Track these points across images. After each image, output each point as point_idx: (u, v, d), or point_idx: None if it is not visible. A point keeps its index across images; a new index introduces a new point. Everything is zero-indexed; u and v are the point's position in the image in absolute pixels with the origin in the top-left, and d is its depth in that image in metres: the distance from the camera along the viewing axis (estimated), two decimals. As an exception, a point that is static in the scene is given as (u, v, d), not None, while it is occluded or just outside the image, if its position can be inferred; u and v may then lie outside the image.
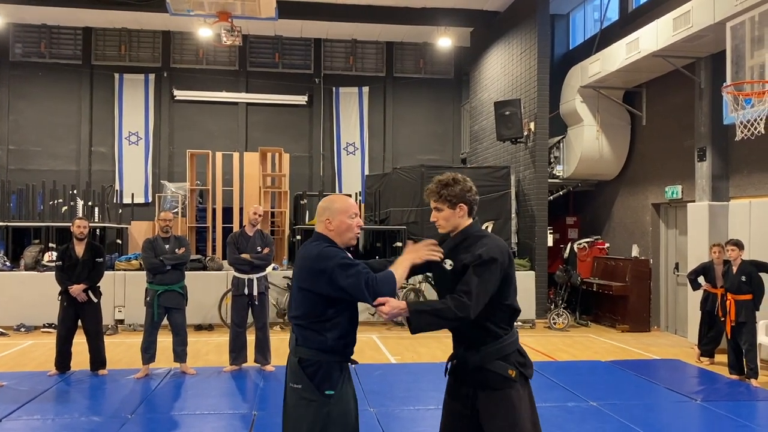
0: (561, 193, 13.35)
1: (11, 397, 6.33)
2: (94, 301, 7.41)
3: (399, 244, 11.91)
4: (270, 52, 16.30)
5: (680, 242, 11.01)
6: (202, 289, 10.45)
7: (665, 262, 11.47)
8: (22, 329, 10.48)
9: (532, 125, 12.17)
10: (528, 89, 12.44)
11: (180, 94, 15.80)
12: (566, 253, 13.05)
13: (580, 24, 14.32)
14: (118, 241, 12.85)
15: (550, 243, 12.34)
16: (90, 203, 12.59)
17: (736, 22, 7.95)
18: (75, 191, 12.74)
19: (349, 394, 3.06)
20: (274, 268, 10.94)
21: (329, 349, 2.98)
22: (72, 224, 7.51)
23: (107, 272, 8.27)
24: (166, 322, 7.51)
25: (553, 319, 11.42)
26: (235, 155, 13.48)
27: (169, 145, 15.83)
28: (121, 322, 10.85)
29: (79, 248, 7.38)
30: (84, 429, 5.51)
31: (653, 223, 11.59)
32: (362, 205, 14.59)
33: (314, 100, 16.28)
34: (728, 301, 7.61)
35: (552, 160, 12.85)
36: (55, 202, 12.36)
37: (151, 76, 15.73)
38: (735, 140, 8.21)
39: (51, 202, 12.34)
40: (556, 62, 13.76)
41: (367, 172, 15.98)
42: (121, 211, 13.30)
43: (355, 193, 15.02)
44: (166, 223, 7.59)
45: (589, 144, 12.08)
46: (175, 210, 13.17)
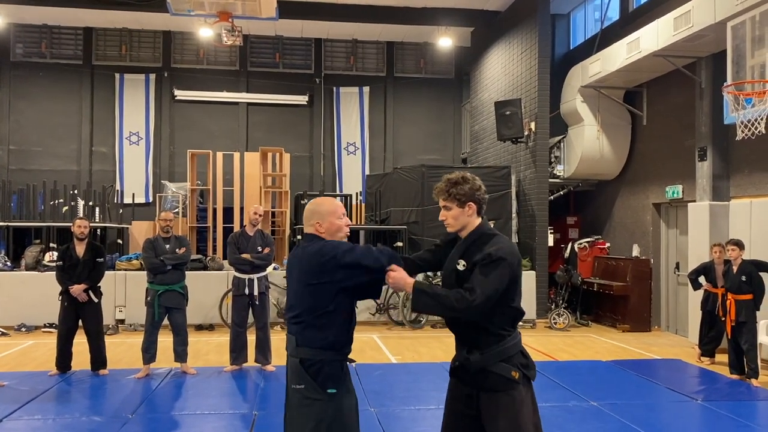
0: (562, 192, 13.35)
1: (12, 397, 6.33)
2: (95, 301, 7.41)
3: (400, 244, 11.90)
4: (270, 52, 16.30)
5: (681, 242, 11.01)
6: (203, 289, 10.46)
7: (666, 262, 11.47)
8: (23, 329, 10.50)
9: (533, 125, 12.16)
10: (528, 89, 12.43)
11: (180, 94, 15.81)
12: (567, 253, 13.04)
13: (581, 24, 14.32)
14: (119, 241, 12.86)
15: (551, 243, 12.33)
16: (91, 203, 12.60)
17: (737, 22, 7.95)
18: (76, 191, 12.75)
19: (351, 391, 3.10)
20: (274, 268, 10.94)
21: (330, 346, 3.00)
22: (73, 224, 7.50)
23: (108, 272, 8.27)
24: (166, 322, 7.51)
25: (554, 319, 11.42)
26: (236, 155, 13.49)
27: (170, 145, 15.84)
28: (122, 322, 10.86)
29: (80, 248, 7.38)
30: (85, 429, 5.51)
31: (654, 223, 11.59)
32: (363, 205, 14.60)
33: (315, 100, 16.28)
34: (728, 301, 7.61)
35: (552, 160, 12.84)
36: (56, 202, 12.37)
37: (152, 76, 15.74)
38: (736, 140, 8.20)
39: (52, 202, 12.35)
40: (556, 62, 13.76)
41: (367, 172, 15.97)
42: (121, 211, 13.31)
43: (356, 193, 15.02)
44: (166, 223, 7.59)
45: (590, 144, 12.08)
46: (176, 210, 13.18)
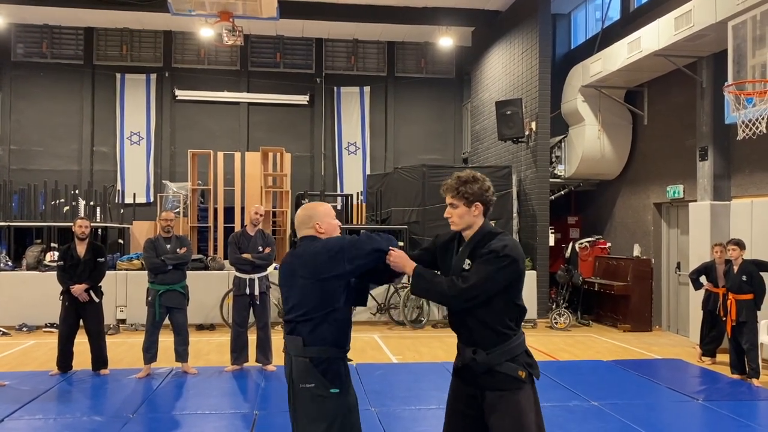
0: (562, 192, 13.34)
1: (13, 397, 6.34)
2: (96, 300, 7.42)
3: (401, 244, 11.83)
4: (271, 52, 16.30)
5: (682, 242, 11.00)
6: (204, 289, 10.46)
7: (667, 262, 11.46)
8: (24, 329, 10.50)
9: (534, 125, 12.16)
10: (529, 89, 12.43)
11: (181, 94, 15.81)
12: (568, 253, 13.03)
13: (582, 23, 14.31)
14: (120, 241, 12.87)
15: (552, 243, 12.34)
16: (92, 203, 12.59)
17: (738, 22, 7.94)
18: (77, 191, 12.76)
19: (353, 389, 3.20)
20: (275, 268, 10.93)
21: (334, 343, 3.08)
22: (74, 224, 7.51)
23: (109, 272, 8.27)
24: (167, 321, 7.52)
25: (555, 319, 11.42)
26: (237, 155, 13.49)
27: (171, 144, 15.85)
28: (123, 321, 10.87)
29: (81, 248, 7.38)
30: (86, 429, 5.51)
31: (655, 223, 11.58)
32: (364, 204, 14.60)
33: (315, 100, 16.28)
34: (729, 301, 7.60)
35: (553, 160, 12.83)
36: (57, 201, 12.37)
37: (153, 76, 15.75)
38: (737, 140, 8.19)
39: (53, 202, 12.35)
40: (557, 62, 13.75)
41: (368, 172, 15.97)
42: (122, 210, 13.31)
43: (357, 193, 15.02)
44: (167, 223, 7.59)
45: (591, 143, 12.07)
46: (177, 210, 13.18)
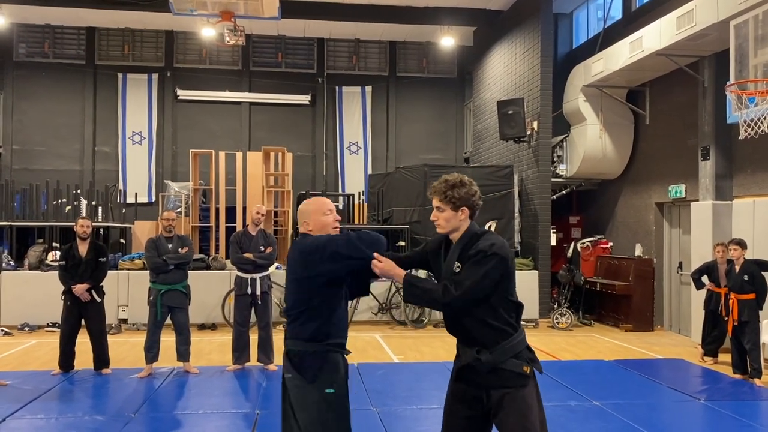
0: (564, 192, 13.34)
1: (15, 396, 6.34)
2: (98, 300, 7.42)
3: (402, 244, 11.89)
4: (273, 52, 16.30)
5: (684, 241, 10.98)
6: (205, 289, 10.47)
7: (669, 262, 11.45)
8: (26, 328, 10.52)
9: (535, 124, 12.15)
10: (531, 88, 12.42)
11: (183, 94, 15.83)
12: (569, 253, 13.02)
13: (583, 23, 14.29)
14: (122, 241, 12.87)
15: (554, 242, 12.33)
16: (93, 203, 12.61)
17: (740, 21, 7.93)
18: (78, 191, 12.77)
19: (338, 382, 3.16)
20: (277, 268, 10.94)
21: (312, 338, 3.13)
22: (75, 224, 7.51)
23: (110, 271, 8.29)
24: (169, 321, 7.52)
25: (557, 319, 11.41)
26: (238, 155, 13.49)
27: (173, 144, 15.86)
28: (125, 321, 10.87)
29: (83, 248, 7.39)
30: (87, 428, 5.52)
31: (657, 223, 11.57)
32: (365, 204, 14.59)
33: (317, 100, 16.28)
34: (731, 301, 7.59)
35: (555, 160, 12.82)
36: (59, 201, 12.39)
37: (155, 76, 15.76)
38: (738, 139, 8.18)
39: (55, 202, 12.37)
40: (559, 61, 13.75)
41: (370, 172, 15.97)
42: (124, 210, 13.31)
43: (358, 193, 15.01)
44: (169, 223, 7.59)
45: (593, 143, 12.06)
46: (179, 209, 13.18)
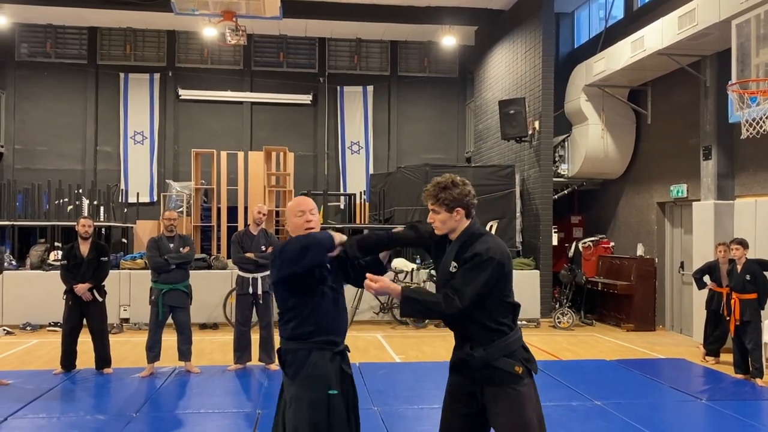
0: (566, 192, 13.31)
1: (17, 396, 6.36)
2: (99, 299, 7.43)
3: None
4: (274, 52, 16.31)
5: (685, 241, 10.97)
6: (207, 288, 10.48)
7: (670, 261, 11.43)
8: (28, 328, 10.53)
9: (537, 124, 12.14)
10: (532, 88, 12.41)
11: (185, 94, 15.84)
12: (571, 252, 13.01)
13: (585, 22, 14.27)
14: (124, 240, 12.89)
15: (555, 242, 12.32)
16: (95, 202, 12.62)
17: (742, 20, 7.91)
18: (80, 190, 12.78)
19: (322, 381, 3.16)
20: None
21: (297, 337, 3.23)
22: (77, 223, 7.52)
23: (112, 271, 8.27)
24: (170, 321, 7.52)
25: (558, 318, 11.40)
26: (240, 154, 13.48)
27: (174, 144, 15.87)
28: (126, 320, 10.88)
29: (84, 247, 7.39)
30: (89, 427, 5.53)
31: (658, 222, 11.56)
32: (367, 204, 14.59)
33: (319, 99, 16.29)
34: (733, 300, 7.58)
35: (557, 159, 12.81)
36: (61, 201, 12.40)
37: (156, 76, 15.78)
38: (740, 138, 8.16)
39: (57, 202, 12.38)
40: (560, 61, 13.72)
41: (371, 171, 15.97)
42: (126, 210, 13.34)
43: (360, 192, 15.02)
44: (170, 222, 7.60)
45: (594, 143, 12.05)
46: (180, 209, 13.19)
